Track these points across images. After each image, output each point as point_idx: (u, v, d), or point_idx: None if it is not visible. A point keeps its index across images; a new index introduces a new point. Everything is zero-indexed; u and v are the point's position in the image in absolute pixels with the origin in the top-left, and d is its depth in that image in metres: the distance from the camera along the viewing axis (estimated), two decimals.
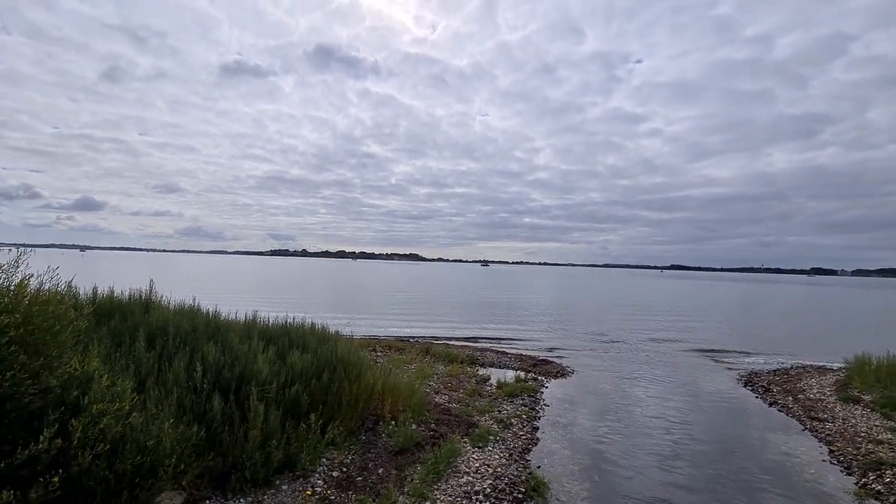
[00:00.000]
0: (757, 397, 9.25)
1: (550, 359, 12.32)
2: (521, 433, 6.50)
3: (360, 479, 4.65)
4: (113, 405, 3.17)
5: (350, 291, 39.27)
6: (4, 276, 3.22)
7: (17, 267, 3.31)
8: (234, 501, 3.94)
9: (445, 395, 8.11)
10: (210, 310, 6.87)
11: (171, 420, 3.65)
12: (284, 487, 4.26)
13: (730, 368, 12.00)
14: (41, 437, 2.71)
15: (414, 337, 15.23)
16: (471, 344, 14.35)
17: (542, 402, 8.18)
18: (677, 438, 6.76)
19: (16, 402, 2.84)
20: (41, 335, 3.09)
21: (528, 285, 59.94)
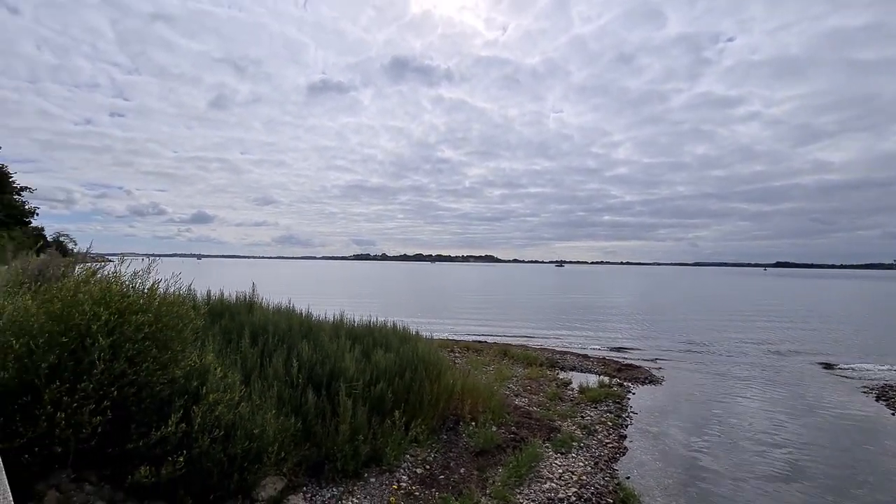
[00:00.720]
0: (894, 414, 7.93)
1: (637, 364, 11.61)
2: (606, 441, 6.19)
3: (442, 477, 4.74)
4: (225, 395, 3.60)
5: (428, 294, 40.26)
6: (140, 281, 3.81)
7: (149, 273, 3.91)
8: (328, 490, 4.21)
9: (525, 397, 7.98)
10: (303, 310, 7.45)
11: (273, 411, 4.02)
12: (372, 480, 4.47)
13: (857, 382, 10.37)
14: (170, 421, 3.14)
15: (491, 339, 15.18)
16: (550, 347, 13.99)
17: (629, 410, 7.72)
18: (791, 458, 5.97)
19: (149, 390, 3.33)
20: (168, 332, 3.59)
21: (608, 286, 56.99)
